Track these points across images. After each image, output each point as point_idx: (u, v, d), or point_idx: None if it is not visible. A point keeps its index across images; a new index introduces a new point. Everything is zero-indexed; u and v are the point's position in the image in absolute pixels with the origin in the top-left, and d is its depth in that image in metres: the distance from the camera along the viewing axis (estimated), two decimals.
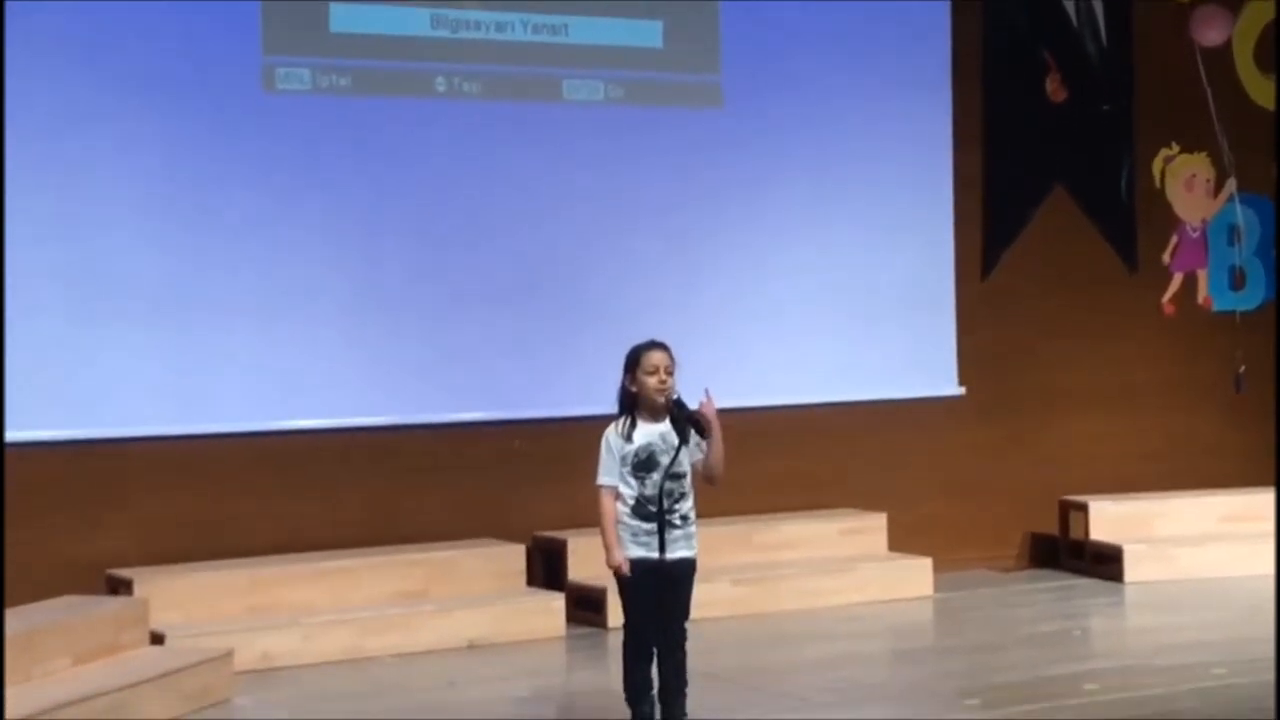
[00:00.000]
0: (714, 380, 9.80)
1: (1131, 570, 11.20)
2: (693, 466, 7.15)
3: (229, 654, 8.48)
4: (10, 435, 9.09)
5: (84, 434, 9.41)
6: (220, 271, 9.74)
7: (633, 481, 7.06)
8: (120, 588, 9.20)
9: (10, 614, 8.29)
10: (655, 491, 7.02)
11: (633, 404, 7.13)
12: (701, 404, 7.12)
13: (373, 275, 10.14)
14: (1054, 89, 12.08)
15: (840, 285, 11.32)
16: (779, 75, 11.17)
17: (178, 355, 9.63)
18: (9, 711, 7.14)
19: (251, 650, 8.86)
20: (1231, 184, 12.58)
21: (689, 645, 7.17)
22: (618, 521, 7.09)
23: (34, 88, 9.28)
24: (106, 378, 9.44)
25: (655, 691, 7.16)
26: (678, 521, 7.08)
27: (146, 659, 8.36)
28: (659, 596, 7.08)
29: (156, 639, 8.74)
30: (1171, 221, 12.58)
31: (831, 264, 11.30)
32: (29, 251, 9.24)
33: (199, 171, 9.69)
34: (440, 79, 10.30)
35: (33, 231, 9.26)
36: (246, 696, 8.36)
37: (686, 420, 7.07)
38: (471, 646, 9.44)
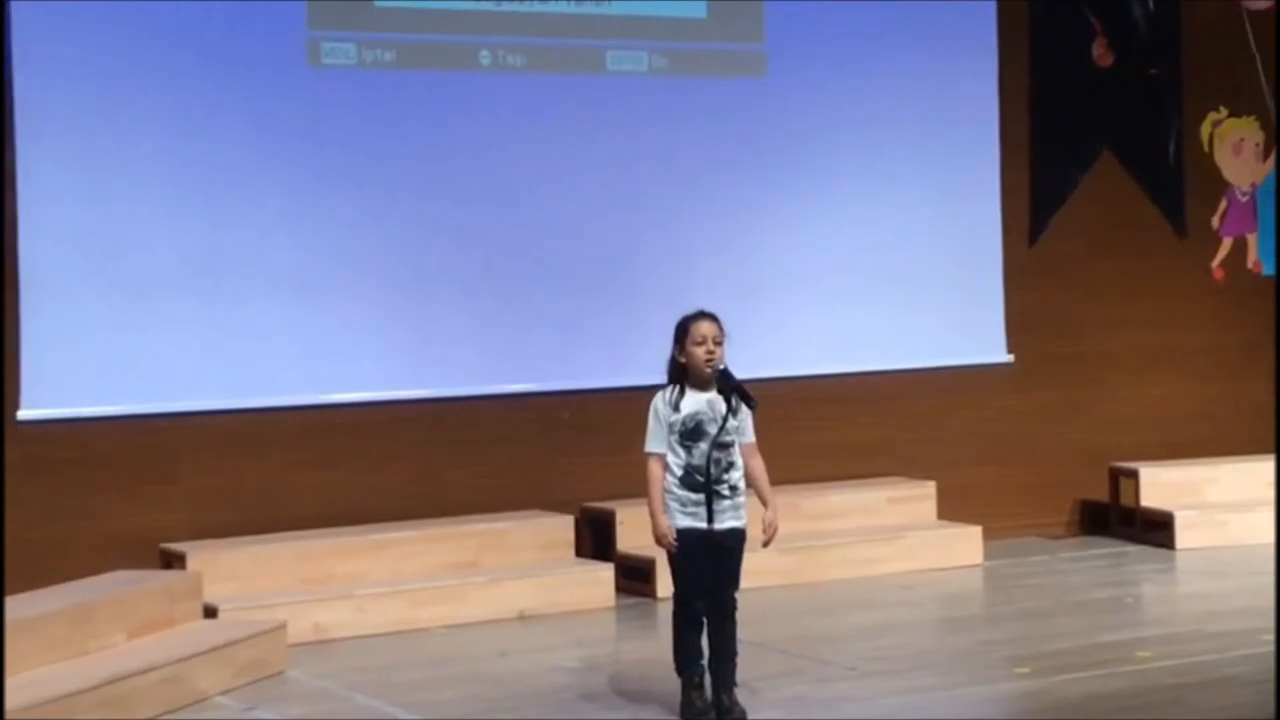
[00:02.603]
0: (761, 348, 9.85)
1: (1182, 536, 11.16)
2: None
3: (282, 626, 8.53)
4: (63, 411, 9.25)
5: (136, 409, 9.47)
6: (267, 246, 9.78)
7: (680, 451, 7.08)
8: (173, 561, 9.27)
9: (65, 588, 8.43)
10: (703, 461, 7.03)
11: (681, 374, 7.15)
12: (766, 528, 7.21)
13: (420, 248, 10.16)
14: (1100, 53, 12.01)
15: (887, 252, 11.29)
16: (823, 43, 11.13)
17: (227, 330, 9.68)
18: (67, 685, 7.23)
19: (304, 622, 8.91)
20: None
21: (738, 614, 7.20)
22: (666, 491, 7.11)
23: (80, 63, 9.33)
24: (157, 353, 9.50)
25: (705, 660, 7.18)
26: (726, 491, 7.09)
27: (200, 632, 8.42)
28: (708, 566, 7.09)
29: (210, 612, 8.80)
30: (1220, 185, 12.51)
31: (878, 231, 11.27)
32: (79, 228, 9.31)
33: (246, 147, 9.73)
34: (485, 52, 10.31)
35: (81, 208, 9.33)
36: (299, 668, 8.41)
37: (733, 390, 7.07)
38: (522, 617, 9.47)
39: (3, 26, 9.17)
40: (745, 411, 7.14)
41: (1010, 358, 11.73)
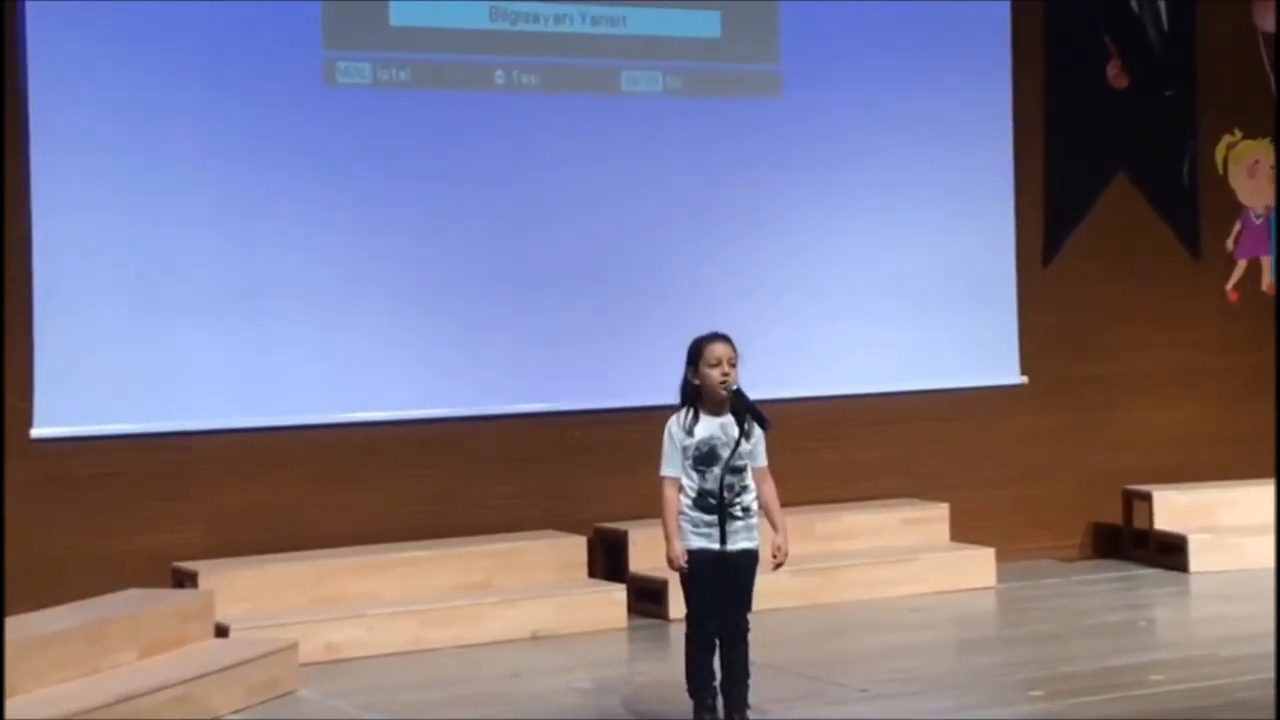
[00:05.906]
0: (775, 369, 9.84)
1: (1196, 560, 11.13)
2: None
3: (294, 646, 8.52)
4: (76, 430, 9.24)
5: (149, 428, 9.48)
6: (282, 265, 9.80)
7: (694, 475, 7.07)
8: (186, 580, 9.27)
9: (77, 607, 8.44)
10: (716, 485, 7.03)
11: (695, 396, 7.14)
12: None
13: (433, 267, 10.17)
14: (1115, 75, 12.01)
15: (901, 274, 11.28)
16: (838, 64, 11.14)
17: (241, 349, 9.69)
18: (79, 704, 7.25)
19: (316, 642, 8.91)
20: None
21: (751, 636, 7.19)
22: (680, 513, 7.10)
23: (96, 83, 9.35)
24: (171, 371, 9.51)
25: (717, 682, 7.17)
26: (739, 513, 7.08)
27: (212, 651, 8.42)
28: (721, 587, 7.09)
29: (221, 631, 8.80)
30: (1235, 208, 12.50)
31: (892, 252, 11.27)
32: (94, 246, 9.33)
33: (261, 165, 9.74)
34: (499, 72, 10.33)
35: (96, 226, 9.34)
36: (311, 688, 8.41)
37: (747, 411, 7.07)
38: (534, 638, 9.47)
39: (17, 32, 9.19)
40: (758, 435, 7.13)
41: (1024, 379, 11.72)
